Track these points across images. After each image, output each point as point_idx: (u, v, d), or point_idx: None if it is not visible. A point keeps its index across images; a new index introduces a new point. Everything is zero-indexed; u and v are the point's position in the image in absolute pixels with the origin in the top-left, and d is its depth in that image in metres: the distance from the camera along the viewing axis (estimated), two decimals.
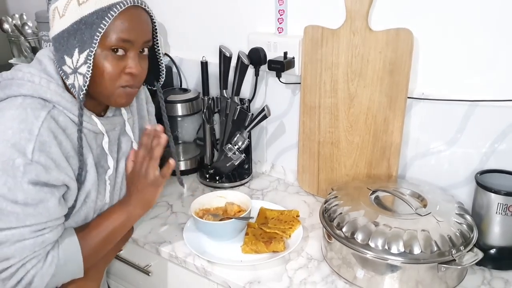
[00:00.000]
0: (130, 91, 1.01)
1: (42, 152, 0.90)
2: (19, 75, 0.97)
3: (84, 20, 0.92)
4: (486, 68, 1.15)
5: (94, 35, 0.91)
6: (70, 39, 0.93)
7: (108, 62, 0.95)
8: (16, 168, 0.88)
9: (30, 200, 0.90)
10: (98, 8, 0.91)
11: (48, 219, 0.94)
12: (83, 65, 0.93)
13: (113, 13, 0.92)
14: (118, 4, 0.92)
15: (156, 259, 1.30)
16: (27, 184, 0.89)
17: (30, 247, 0.93)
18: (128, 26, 0.94)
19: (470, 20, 1.13)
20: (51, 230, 0.96)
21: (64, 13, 0.93)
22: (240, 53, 1.42)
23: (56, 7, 0.94)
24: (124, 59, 0.97)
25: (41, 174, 0.90)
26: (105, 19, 0.91)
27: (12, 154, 0.88)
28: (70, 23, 0.93)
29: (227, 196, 1.33)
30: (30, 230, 0.92)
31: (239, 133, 1.48)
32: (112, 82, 0.97)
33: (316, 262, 1.16)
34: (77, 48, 0.93)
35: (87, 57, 0.93)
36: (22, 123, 0.90)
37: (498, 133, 1.16)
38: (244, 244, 1.19)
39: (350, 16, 1.26)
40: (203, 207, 1.31)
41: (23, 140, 0.89)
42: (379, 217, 1.05)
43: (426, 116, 1.26)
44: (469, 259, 0.99)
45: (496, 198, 1.07)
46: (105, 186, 1.08)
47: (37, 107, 0.93)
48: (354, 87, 1.30)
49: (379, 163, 1.32)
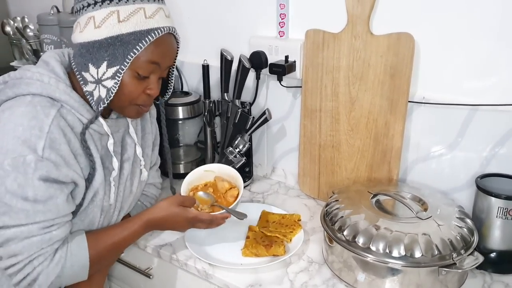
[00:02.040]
0: (143, 109, 1.06)
1: (52, 149, 0.92)
2: (28, 75, 0.98)
3: (121, 38, 0.94)
4: (487, 73, 1.15)
5: (128, 54, 0.94)
6: (101, 51, 0.95)
7: (132, 82, 0.98)
8: (27, 164, 0.89)
9: (39, 196, 0.92)
10: (138, 30, 0.94)
11: (56, 215, 0.96)
12: (110, 80, 0.96)
13: (151, 38, 0.95)
14: (156, 30, 0.96)
15: (157, 261, 1.30)
16: (38, 180, 0.90)
17: (38, 244, 0.94)
18: (160, 51, 0.99)
19: (471, 25, 1.14)
20: (59, 227, 0.97)
21: (100, 25, 0.94)
22: (241, 56, 1.42)
23: (93, 17, 0.95)
24: (146, 80, 1.01)
25: (52, 170, 0.92)
26: (142, 42, 0.94)
27: (23, 150, 0.89)
28: (105, 36, 0.94)
29: (214, 169, 1.30)
30: (38, 227, 0.93)
31: (240, 136, 1.49)
32: (130, 100, 1.01)
33: (317, 266, 1.16)
34: (106, 61, 0.95)
35: (116, 73, 0.95)
36: (33, 120, 0.91)
37: (499, 137, 1.16)
38: (244, 247, 1.20)
39: (351, 20, 1.27)
40: (192, 185, 1.28)
41: (34, 137, 0.90)
42: (380, 221, 1.05)
43: (427, 120, 1.26)
44: (470, 262, 0.99)
45: (497, 202, 1.07)
46: (110, 188, 1.09)
47: (46, 105, 0.95)
48: (355, 90, 1.31)
49: (380, 167, 1.32)
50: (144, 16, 0.95)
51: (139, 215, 1.11)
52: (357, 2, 1.24)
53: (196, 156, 1.71)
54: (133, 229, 1.09)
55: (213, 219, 1.14)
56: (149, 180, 1.29)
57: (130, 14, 0.94)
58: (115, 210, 1.13)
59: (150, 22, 0.96)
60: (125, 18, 0.94)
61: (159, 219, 1.11)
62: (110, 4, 0.94)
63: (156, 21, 0.97)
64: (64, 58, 1.06)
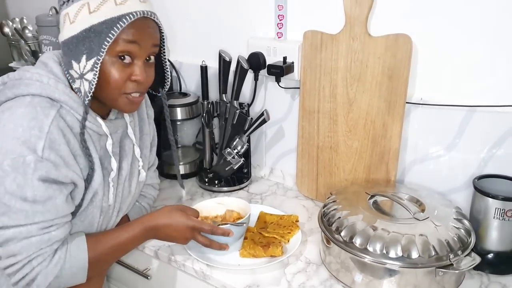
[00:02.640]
0: (135, 98, 1.03)
1: (52, 149, 0.92)
2: (27, 75, 0.98)
3: (93, 28, 0.93)
4: (485, 74, 1.16)
5: (102, 44, 0.93)
6: (79, 45, 0.95)
7: (114, 69, 0.97)
8: (27, 165, 0.89)
9: (39, 197, 0.92)
10: (108, 18, 0.93)
11: (55, 216, 0.96)
12: (90, 72, 0.95)
13: (122, 24, 0.94)
14: (128, 15, 0.94)
15: (155, 262, 1.30)
16: (37, 181, 0.91)
17: (37, 244, 0.94)
18: (135, 31, 0.96)
19: (469, 26, 1.14)
20: (58, 228, 0.97)
21: (74, 20, 0.95)
22: (239, 57, 1.42)
23: (67, 13, 0.96)
24: (130, 66, 0.99)
25: (51, 171, 0.92)
26: (113, 29, 0.93)
27: (22, 151, 0.89)
28: (80, 30, 0.94)
29: (227, 203, 1.32)
30: (37, 228, 0.93)
31: (238, 137, 1.49)
32: (117, 89, 0.99)
33: (315, 266, 1.16)
34: (85, 54, 0.95)
35: (94, 64, 0.95)
36: (32, 121, 0.91)
37: (496, 138, 1.17)
38: (242, 248, 1.20)
39: (349, 21, 1.27)
40: (202, 214, 1.29)
41: (34, 138, 0.90)
42: (377, 222, 1.05)
43: (424, 121, 1.26)
44: (467, 263, 0.99)
45: (494, 203, 1.07)
46: (109, 188, 1.09)
47: (46, 106, 0.95)
48: (353, 92, 1.31)
49: (378, 168, 1.33)
50: (115, 4, 0.94)
51: (140, 219, 1.11)
52: (355, 3, 1.24)
53: (195, 157, 1.71)
54: (132, 233, 1.08)
55: (214, 229, 1.13)
56: (147, 181, 1.30)
57: (100, 3, 0.93)
58: (114, 210, 1.13)
59: (121, 8, 0.94)
60: (95, 9, 0.93)
61: (160, 224, 1.11)
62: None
63: (128, 7, 0.95)
64: (62, 59, 1.06)
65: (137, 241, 1.11)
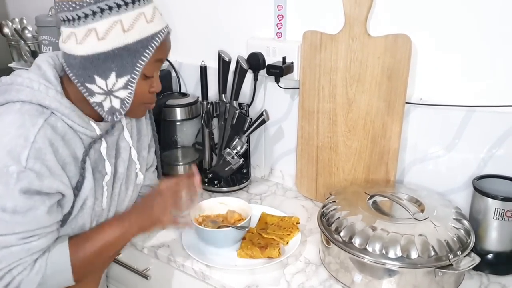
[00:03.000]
0: (149, 106, 1.08)
1: (37, 159, 0.90)
2: (18, 81, 0.97)
3: (128, 47, 0.93)
4: (484, 74, 1.16)
5: (137, 62, 0.94)
6: (107, 62, 0.93)
7: (140, 84, 0.98)
8: (10, 175, 0.87)
9: (19, 207, 0.90)
10: (143, 38, 0.94)
11: (37, 226, 0.93)
12: (122, 90, 0.96)
13: (156, 43, 0.95)
14: (159, 33, 0.96)
15: (154, 262, 1.30)
16: (18, 192, 0.89)
17: (16, 254, 0.92)
18: (163, 49, 1.00)
19: (468, 26, 1.14)
20: (39, 238, 0.95)
21: (104, 37, 0.91)
22: (239, 57, 1.42)
23: (94, 29, 0.91)
24: (150, 79, 1.01)
25: (34, 181, 0.90)
26: (148, 49, 0.95)
27: (7, 161, 0.88)
28: (111, 48, 0.92)
29: (229, 203, 1.33)
30: (17, 238, 0.92)
31: (237, 137, 1.49)
32: (139, 102, 1.01)
33: (314, 267, 1.16)
34: (114, 71, 0.94)
35: (128, 83, 0.95)
36: (19, 129, 0.90)
37: (496, 138, 1.17)
38: (240, 249, 1.20)
39: (349, 21, 1.27)
40: (203, 213, 1.31)
41: (19, 147, 0.89)
42: (376, 222, 1.05)
43: (424, 122, 1.26)
44: (466, 264, 0.99)
45: (493, 203, 1.07)
46: (102, 192, 1.07)
47: (34, 114, 0.93)
48: (353, 92, 1.31)
49: (377, 168, 1.33)
50: (146, 21, 0.94)
51: (120, 215, 1.11)
52: (355, 3, 1.24)
53: (194, 158, 1.71)
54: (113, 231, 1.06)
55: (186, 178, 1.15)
56: (145, 182, 1.28)
57: (133, 21, 0.92)
58: (109, 213, 1.12)
59: (152, 26, 0.95)
60: (129, 27, 0.92)
61: (138, 204, 1.14)
62: (111, 14, 0.91)
63: (156, 24, 0.96)
64: (57, 61, 1.04)
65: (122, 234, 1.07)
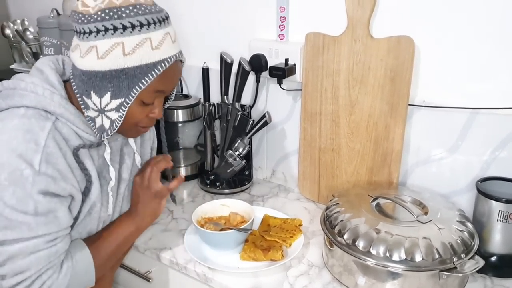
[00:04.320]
0: (144, 130, 1.04)
1: (49, 163, 0.89)
2: (22, 85, 0.95)
3: (126, 71, 0.90)
4: (487, 76, 1.15)
5: (134, 87, 0.91)
6: (104, 81, 0.91)
7: (135, 109, 0.96)
8: (25, 178, 0.86)
9: (40, 209, 0.89)
10: (144, 64, 0.90)
11: (59, 228, 0.93)
12: (114, 111, 0.93)
13: (157, 72, 0.92)
14: (163, 61, 0.92)
15: (156, 265, 1.30)
16: (37, 194, 0.88)
17: (46, 258, 0.92)
18: (166, 80, 0.96)
19: (471, 28, 1.14)
20: (62, 240, 0.95)
21: (104, 57, 0.89)
22: (241, 59, 1.42)
23: (95, 46, 0.89)
24: (150, 106, 0.99)
25: (50, 185, 0.89)
26: (148, 76, 0.91)
27: (19, 164, 0.86)
28: (109, 68, 0.90)
29: (231, 205, 1.32)
30: (43, 241, 0.91)
31: (240, 139, 1.48)
32: (133, 124, 0.99)
33: (317, 269, 1.16)
34: (110, 92, 0.91)
35: (121, 106, 0.93)
36: (28, 134, 0.88)
37: (499, 140, 1.16)
38: (242, 251, 1.19)
39: (351, 23, 1.27)
40: (206, 216, 1.30)
41: (30, 151, 0.87)
42: (380, 224, 1.05)
43: (427, 123, 1.26)
44: (470, 266, 0.99)
45: (497, 205, 1.07)
46: (108, 198, 1.07)
47: (41, 118, 0.92)
48: (355, 94, 1.31)
49: (380, 170, 1.32)
50: (151, 48, 0.91)
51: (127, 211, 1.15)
52: (357, 5, 1.24)
53: (196, 159, 1.70)
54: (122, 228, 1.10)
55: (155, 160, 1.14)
56: None
57: (135, 46, 0.89)
58: (113, 218, 1.12)
59: (157, 53, 0.91)
60: (130, 51, 0.89)
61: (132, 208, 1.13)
62: (114, 35, 0.88)
63: (163, 52, 0.92)
64: (58, 65, 1.03)
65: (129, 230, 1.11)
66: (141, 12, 0.89)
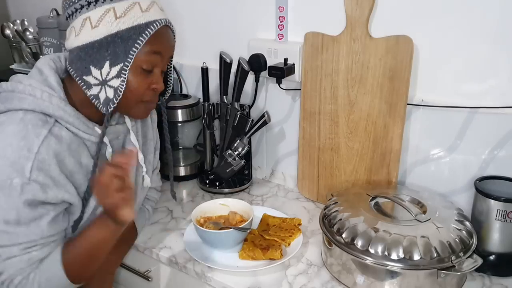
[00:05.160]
0: (150, 106, 1.04)
1: (41, 170, 0.89)
2: (20, 88, 0.95)
3: (120, 34, 0.93)
4: (486, 75, 1.15)
5: (130, 49, 0.93)
6: (101, 50, 0.93)
7: (136, 78, 0.97)
8: (14, 188, 0.87)
9: (22, 219, 0.89)
10: (136, 24, 0.94)
11: (40, 237, 0.93)
12: (116, 79, 0.94)
13: (150, 31, 0.94)
14: (154, 22, 0.95)
15: (156, 264, 1.30)
16: (23, 204, 0.88)
17: (16, 264, 0.92)
18: (160, 41, 0.98)
19: (470, 27, 1.14)
20: (41, 248, 0.94)
21: (97, 25, 0.93)
22: (240, 59, 1.42)
23: (88, 17, 0.93)
24: (150, 75, 1.00)
25: (38, 193, 0.89)
26: (142, 36, 0.94)
27: (10, 173, 0.87)
28: (104, 35, 0.93)
29: (230, 204, 1.32)
30: (19, 248, 0.91)
31: (239, 139, 1.49)
32: (137, 97, 0.99)
33: (316, 268, 1.16)
34: (108, 60, 0.93)
35: (121, 71, 0.94)
36: (22, 140, 0.89)
37: (498, 139, 1.16)
38: (241, 250, 1.19)
39: (350, 23, 1.27)
40: (205, 215, 1.30)
41: (22, 159, 0.88)
42: (379, 223, 1.05)
43: (425, 123, 1.26)
44: (469, 265, 0.99)
45: (496, 204, 1.07)
46: None
47: (38, 124, 0.92)
48: (354, 93, 1.31)
49: (379, 170, 1.32)
50: (140, 10, 0.94)
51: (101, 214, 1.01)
52: (356, 5, 1.24)
53: (195, 159, 1.71)
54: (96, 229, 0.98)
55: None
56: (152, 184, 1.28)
57: (126, 9, 0.93)
58: None
59: (147, 15, 0.95)
60: (122, 14, 0.93)
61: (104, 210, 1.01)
62: (104, 3, 0.93)
63: (152, 14, 0.96)
64: (60, 63, 1.03)
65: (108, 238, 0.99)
66: None
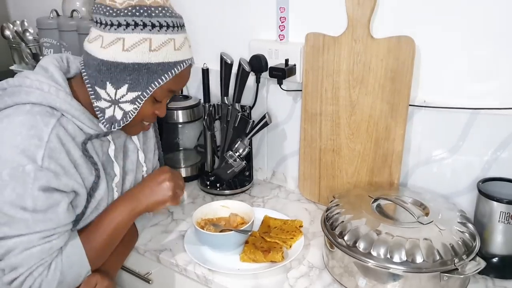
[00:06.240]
0: (146, 126, 1.08)
1: (52, 158, 0.91)
2: (27, 82, 0.97)
3: (148, 66, 0.94)
4: (488, 76, 1.15)
5: (152, 83, 0.95)
6: (124, 73, 0.94)
7: (147, 105, 1.00)
8: (27, 174, 0.88)
9: (39, 206, 0.90)
10: (166, 62, 0.95)
11: (57, 224, 0.94)
12: (129, 104, 0.97)
13: (176, 71, 0.97)
14: (182, 62, 0.99)
15: (156, 266, 1.29)
16: (38, 190, 0.89)
17: (38, 255, 0.93)
18: (180, 81, 1.01)
19: (472, 28, 1.13)
20: (59, 236, 0.96)
21: (129, 50, 0.93)
22: (241, 60, 1.42)
23: (123, 39, 0.93)
24: (157, 104, 1.03)
25: (52, 180, 0.91)
26: (168, 74, 0.96)
27: (21, 160, 0.88)
28: (133, 61, 0.94)
29: (231, 206, 1.32)
30: (38, 237, 0.92)
31: (240, 140, 1.48)
32: (139, 120, 1.03)
33: (318, 271, 1.15)
34: (128, 84, 0.95)
35: (137, 99, 0.96)
36: (32, 130, 0.90)
37: (500, 141, 1.16)
38: (242, 253, 1.19)
39: (351, 23, 1.26)
40: (206, 217, 1.30)
41: (33, 146, 0.89)
42: (381, 226, 1.04)
43: (427, 124, 1.26)
44: (472, 268, 0.98)
45: (499, 206, 1.06)
46: (113, 194, 1.08)
47: (46, 114, 0.94)
48: (356, 94, 1.30)
49: (381, 171, 1.32)
50: (174, 48, 0.96)
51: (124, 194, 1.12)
52: (357, 5, 1.23)
53: (196, 160, 1.70)
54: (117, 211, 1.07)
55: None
56: None
57: (161, 44, 0.94)
58: None
59: (178, 54, 0.97)
60: (156, 48, 0.94)
61: (137, 187, 1.12)
62: (143, 31, 0.93)
63: (183, 53, 0.98)
64: (62, 63, 1.05)
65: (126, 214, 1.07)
66: (168, 15, 0.96)
